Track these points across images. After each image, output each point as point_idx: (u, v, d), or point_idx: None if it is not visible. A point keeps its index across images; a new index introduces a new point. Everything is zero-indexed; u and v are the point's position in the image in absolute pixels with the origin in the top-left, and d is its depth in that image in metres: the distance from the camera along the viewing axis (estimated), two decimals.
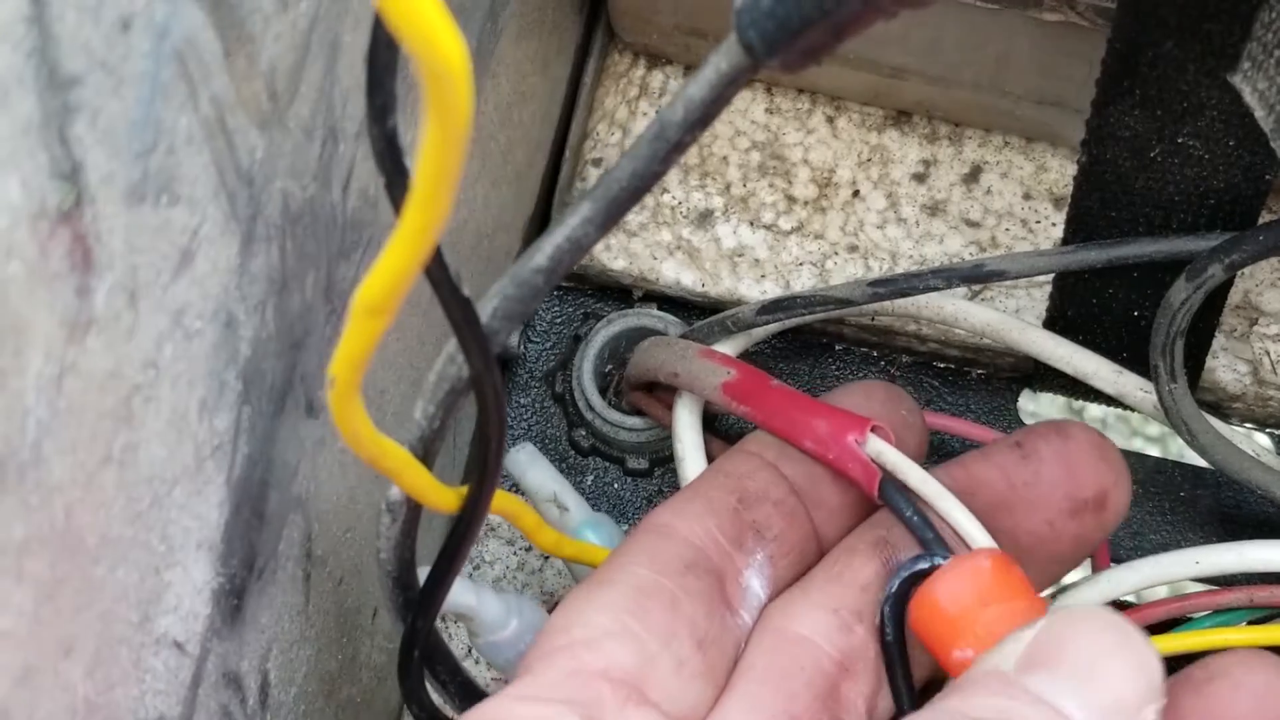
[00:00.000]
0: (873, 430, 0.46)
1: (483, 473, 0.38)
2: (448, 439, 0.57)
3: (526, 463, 0.59)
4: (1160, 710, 0.38)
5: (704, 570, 0.43)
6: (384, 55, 0.27)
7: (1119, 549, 0.60)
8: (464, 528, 0.40)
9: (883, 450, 0.46)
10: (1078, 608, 0.41)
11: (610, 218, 0.33)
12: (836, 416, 0.47)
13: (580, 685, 0.39)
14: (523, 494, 0.57)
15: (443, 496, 0.39)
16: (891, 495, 0.45)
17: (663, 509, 0.45)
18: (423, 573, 0.41)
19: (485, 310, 0.35)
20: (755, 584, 0.44)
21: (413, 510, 0.39)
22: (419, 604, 0.42)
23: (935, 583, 0.42)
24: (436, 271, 0.32)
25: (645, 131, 0.32)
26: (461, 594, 0.48)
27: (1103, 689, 0.38)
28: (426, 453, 0.38)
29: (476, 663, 0.58)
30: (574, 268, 0.61)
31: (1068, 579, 0.53)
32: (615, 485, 0.62)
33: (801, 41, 0.29)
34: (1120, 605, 0.54)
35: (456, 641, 0.59)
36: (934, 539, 0.44)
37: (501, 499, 0.47)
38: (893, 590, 0.43)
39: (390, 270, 0.29)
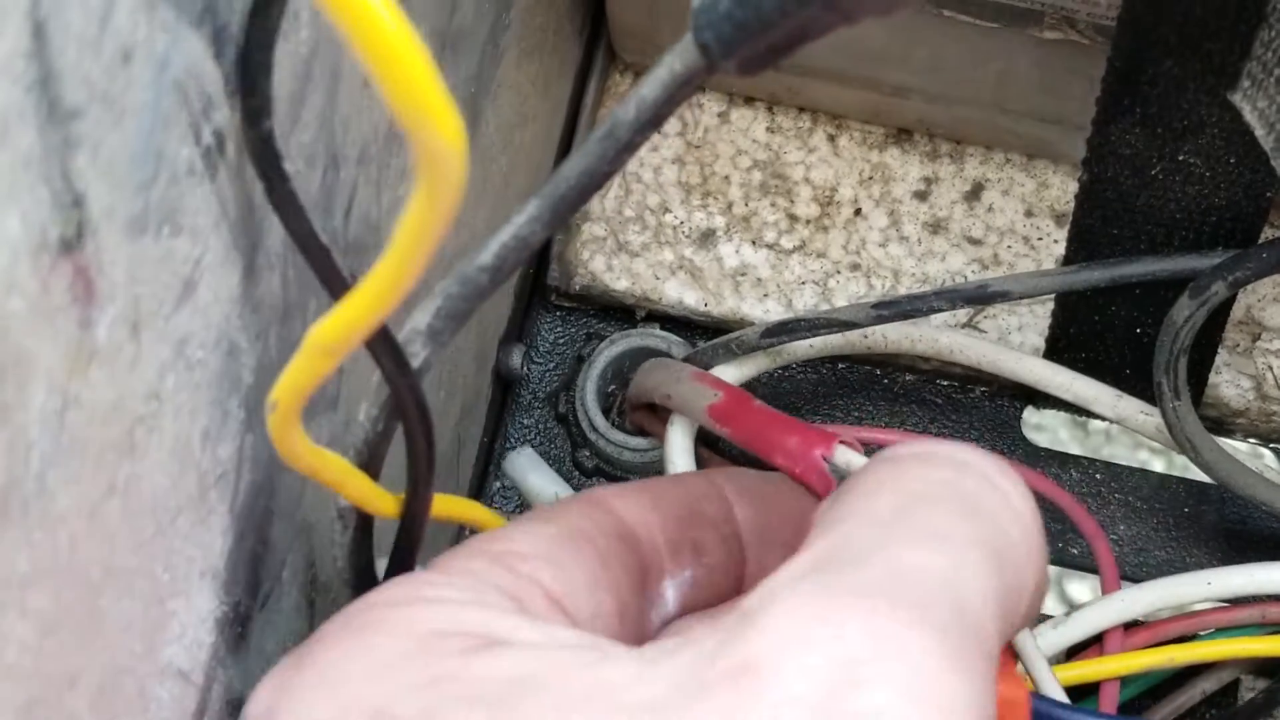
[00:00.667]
0: (841, 443, 0.47)
1: (414, 480, 0.38)
2: (450, 450, 0.57)
3: (526, 466, 0.59)
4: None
5: (631, 552, 0.40)
6: (257, 57, 0.27)
7: (1125, 566, 0.60)
8: (406, 536, 0.40)
9: (852, 460, 0.46)
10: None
11: (557, 216, 0.32)
12: (807, 433, 0.47)
13: (509, 578, 0.36)
14: (523, 497, 0.57)
15: (386, 504, 0.39)
16: None
17: (604, 489, 0.41)
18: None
19: (429, 310, 0.34)
20: (670, 596, 0.41)
21: (364, 516, 0.39)
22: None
23: None
24: (339, 292, 0.32)
25: (595, 130, 0.31)
26: None
27: None
28: (372, 456, 0.37)
29: None
30: (575, 287, 0.61)
31: (1081, 598, 0.53)
32: None
33: (759, 45, 0.28)
34: (1133, 623, 0.54)
35: None
36: None
37: (469, 508, 0.47)
38: None
39: (350, 317, 0.29)
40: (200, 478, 0.35)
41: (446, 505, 0.44)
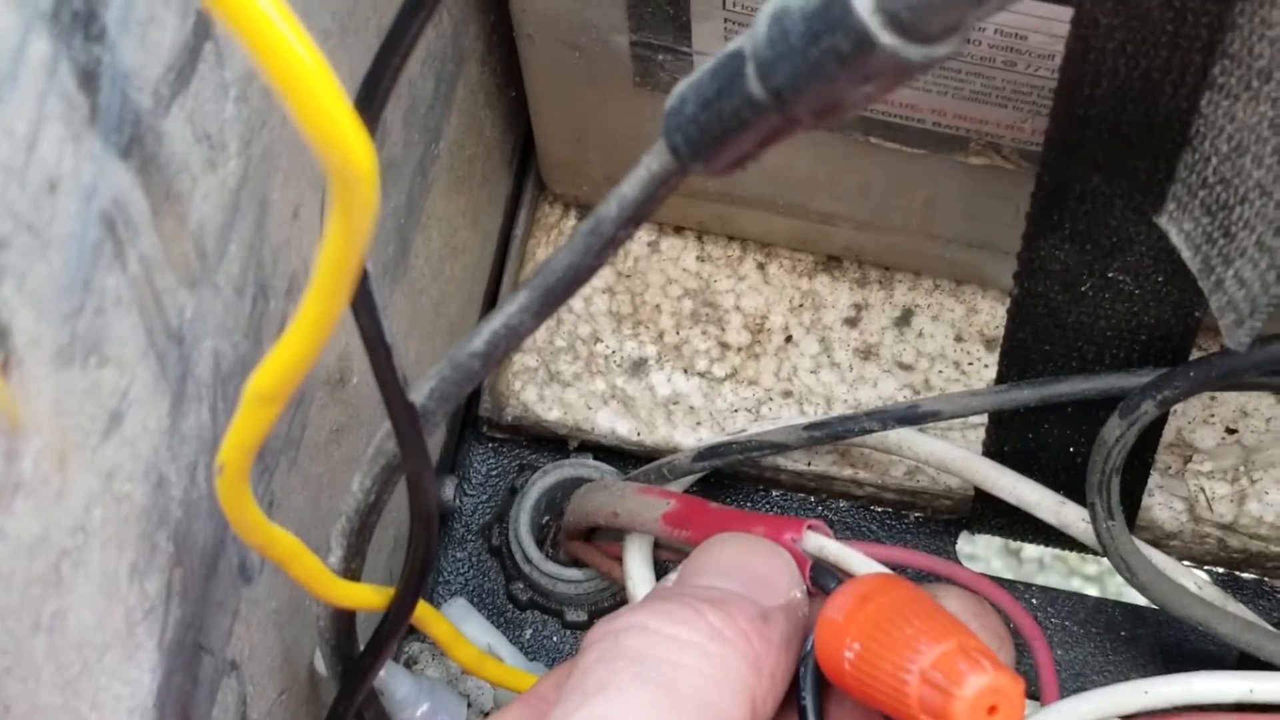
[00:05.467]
0: (809, 529, 0.47)
1: (413, 560, 0.39)
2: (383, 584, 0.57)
3: (459, 617, 0.59)
4: (804, 596, 0.43)
5: None
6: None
7: (1063, 692, 0.60)
8: (389, 625, 0.41)
9: (823, 544, 0.47)
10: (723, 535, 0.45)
11: (545, 307, 0.34)
12: (773, 521, 0.48)
13: None
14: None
15: (333, 586, 0.39)
16: (822, 577, 0.45)
17: None
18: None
19: (421, 391, 0.35)
20: None
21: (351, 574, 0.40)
22: (340, 689, 0.43)
23: (826, 603, 0.42)
24: (385, 371, 0.33)
25: (581, 226, 0.32)
26: None
27: (753, 572, 0.43)
28: (363, 525, 0.39)
29: None
30: (507, 418, 0.61)
31: None
32: (554, 638, 0.61)
33: (723, 148, 0.29)
34: None
35: None
36: None
37: (427, 612, 0.47)
38: (809, 648, 0.42)
39: (284, 361, 0.29)
40: (128, 613, 0.34)
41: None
